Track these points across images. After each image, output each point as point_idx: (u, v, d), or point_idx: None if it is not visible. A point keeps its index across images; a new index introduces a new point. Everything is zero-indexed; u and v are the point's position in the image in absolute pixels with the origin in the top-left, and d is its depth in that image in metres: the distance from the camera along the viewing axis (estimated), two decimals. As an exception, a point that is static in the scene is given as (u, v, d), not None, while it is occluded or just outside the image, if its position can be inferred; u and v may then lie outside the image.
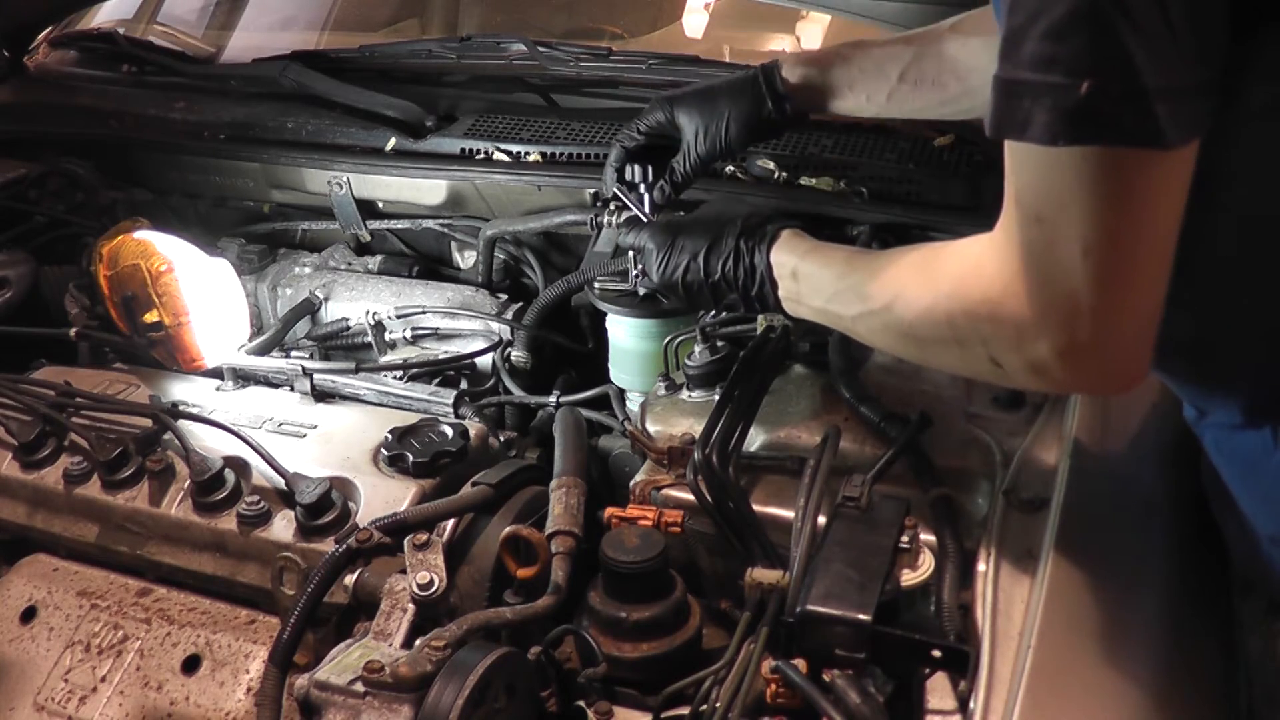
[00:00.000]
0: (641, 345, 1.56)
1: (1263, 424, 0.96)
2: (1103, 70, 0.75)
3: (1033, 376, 0.92)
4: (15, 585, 1.40)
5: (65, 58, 2.34)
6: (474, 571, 1.28)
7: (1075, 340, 0.86)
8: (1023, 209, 0.85)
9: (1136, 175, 0.80)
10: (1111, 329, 0.85)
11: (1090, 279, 0.83)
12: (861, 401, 1.30)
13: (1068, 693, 0.94)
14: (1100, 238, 0.81)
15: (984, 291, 0.91)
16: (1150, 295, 0.86)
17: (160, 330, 1.67)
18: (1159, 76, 0.75)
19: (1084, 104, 0.75)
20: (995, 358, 0.93)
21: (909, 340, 1.04)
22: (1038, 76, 0.77)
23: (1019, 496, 1.14)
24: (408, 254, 1.99)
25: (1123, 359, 0.89)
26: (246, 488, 1.42)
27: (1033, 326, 0.87)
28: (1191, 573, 1.10)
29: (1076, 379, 0.91)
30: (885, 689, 1.00)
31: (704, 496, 1.23)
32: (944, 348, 0.99)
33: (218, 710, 1.25)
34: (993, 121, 0.81)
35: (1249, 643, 1.07)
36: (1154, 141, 0.77)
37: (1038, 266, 0.85)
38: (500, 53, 2.03)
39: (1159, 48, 0.74)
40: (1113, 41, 0.74)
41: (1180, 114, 0.77)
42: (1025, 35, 0.77)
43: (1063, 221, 0.82)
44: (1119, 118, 0.76)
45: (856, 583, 1.04)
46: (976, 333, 0.93)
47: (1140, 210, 0.82)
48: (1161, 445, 1.19)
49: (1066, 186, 0.81)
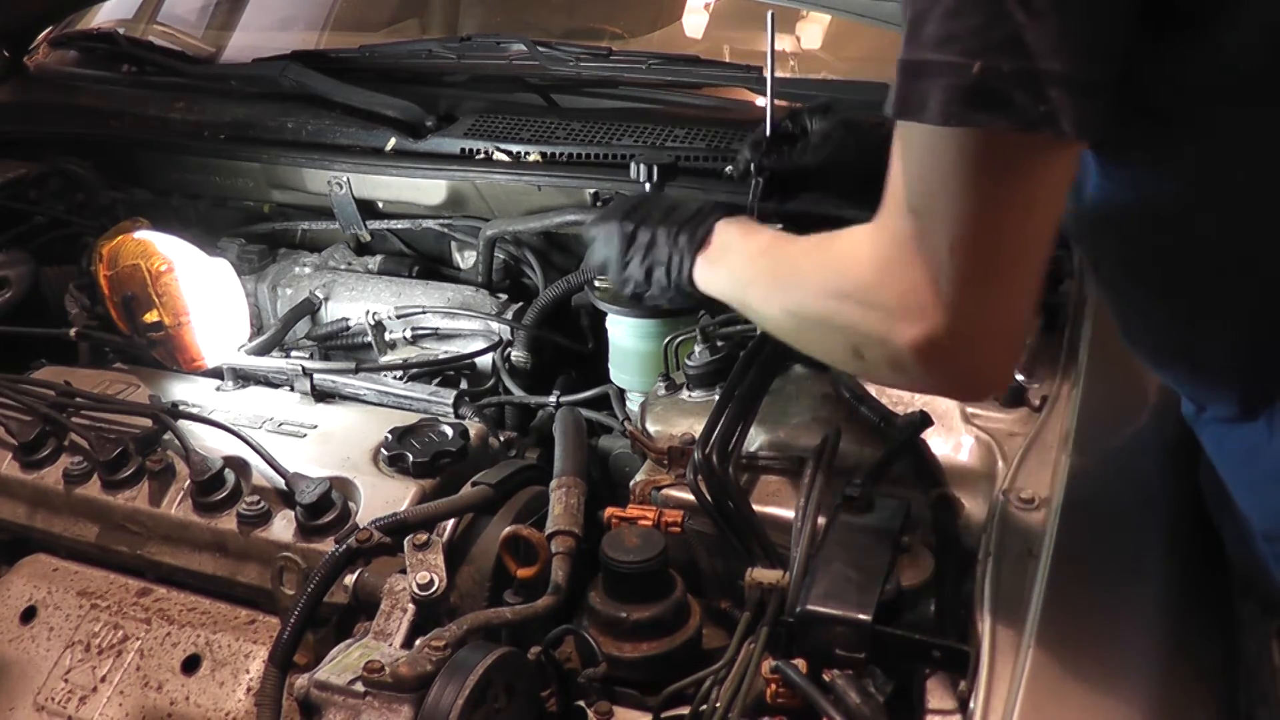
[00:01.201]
0: (641, 345, 1.56)
1: (1259, 415, 0.96)
2: (994, 50, 0.75)
3: (890, 371, 0.90)
4: (15, 585, 1.40)
5: (65, 58, 2.34)
6: (474, 571, 1.28)
7: (934, 338, 0.84)
8: (899, 199, 0.84)
9: (1020, 165, 0.79)
10: (972, 330, 0.84)
11: (954, 276, 0.82)
12: (861, 401, 1.30)
13: (1068, 693, 0.94)
14: (969, 234, 0.80)
15: (856, 279, 0.90)
16: (1017, 299, 0.85)
17: (160, 330, 1.67)
18: (1051, 61, 0.75)
19: (977, 82, 0.75)
20: (858, 348, 0.92)
21: (790, 318, 1.03)
22: (936, 56, 0.77)
23: (1019, 496, 1.14)
24: (408, 254, 1.99)
25: (982, 362, 0.88)
26: (246, 488, 1.42)
27: (894, 320, 0.85)
28: (1192, 573, 1.10)
29: (932, 378, 0.89)
30: (885, 689, 1.00)
31: (704, 496, 1.23)
32: (816, 333, 0.99)
33: (218, 710, 1.25)
34: (895, 102, 0.80)
35: (1246, 643, 1.07)
36: (1045, 124, 0.76)
37: (905, 259, 0.84)
38: (500, 53, 2.04)
39: (1053, 34, 0.75)
40: (1005, 23, 0.74)
41: (1072, 104, 0.76)
42: (928, 17, 0.77)
43: (935, 215, 0.82)
44: (1010, 97, 0.75)
45: (856, 583, 1.04)
46: (844, 318, 0.92)
47: (1015, 208, 0.81)
48: (1162, 444, 1.19)
49: (944, 176, 0.80)
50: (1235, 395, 0.98)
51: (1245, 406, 0.97)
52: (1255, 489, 1.00)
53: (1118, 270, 0.99)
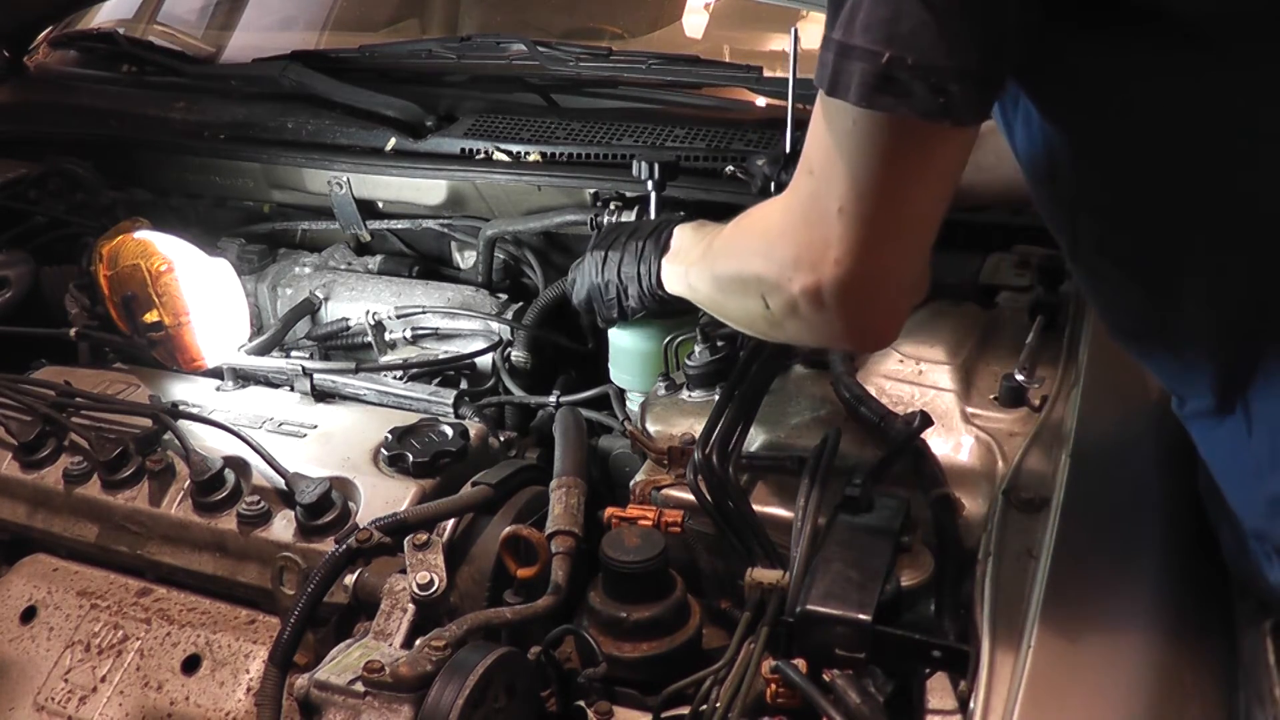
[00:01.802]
0: (641, 345, 1.56)
1: (1234, 407, 0.96)
2: (899, 42, 0.80)
3: (790, 319, 0.99)
4: (15, 585, 1.41)
5: (65, 58, 2.34)
6: (474, 571, 1.28)
7: (821, 286, 0.92)
8: (805, 159, 0.93)
9: (912, 147, 0.86)
10: (856, 285, 0.92)
11: (842, 234, 0.90)
12: (861, 401, 1.30)
13: (1068, 693, 0.94)
14: (856, 199, 0.88)
15: (763, 233, 1.00)
16: (901, 261, 0.93)
17: (160, 330, 1.67)
18: (950, 57, 0.80)
19: (884, 71, 0.81)
20: (765, 296, 1.00)
21: (716, 286, 1.14)
22: (859, 41, 0.83)
23: (1019, 496, 1.14)
24: (408, 254, 1.99)
25: (867, 315, 0.96)
26: (246, 488, 1.42)
27: (792, 269, 0.94)
28: (1191, 572, 1.10)
29: (820, 326, 0.97)
30: (885, 689, 1.01)
31: (704, 496, 1.23)
32: (734, 293, 1.09)
33: (218, 710, 1.25)
34: (828, 79, 0.86)
35: (1243, 643, 1.07)
36: (941, 114, 0.82)
37: (803, 213, 0.94)
38: (500, 53, 2.04)
39: (952, 29, 0.80)
40: (910, 18, 0.80)
41: (967, 96, 0.82)
42: (862, 3, 0.83)
43: (830, 176, 0.89)
44: (910, 88, 0.81)
45: (856, 583, 1.04)
46: (752, 269, 1.02)
47: (905, 181, 0.88)
48: (1162, 444, 1.18)
49: (841, 146, 0.88)
50: (1210, 386, 0.98)
51: (1221, 398, 0.97)
52: (1241, 486, 1.00)
53: (1093, 249, 1.00)
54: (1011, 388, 1.30)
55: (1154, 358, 1.06)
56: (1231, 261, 0.93)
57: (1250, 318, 0.93)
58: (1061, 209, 1.01)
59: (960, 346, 1.38)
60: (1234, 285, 0.93)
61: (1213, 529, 1.09)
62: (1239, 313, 0.94)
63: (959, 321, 1.43)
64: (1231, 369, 0.96)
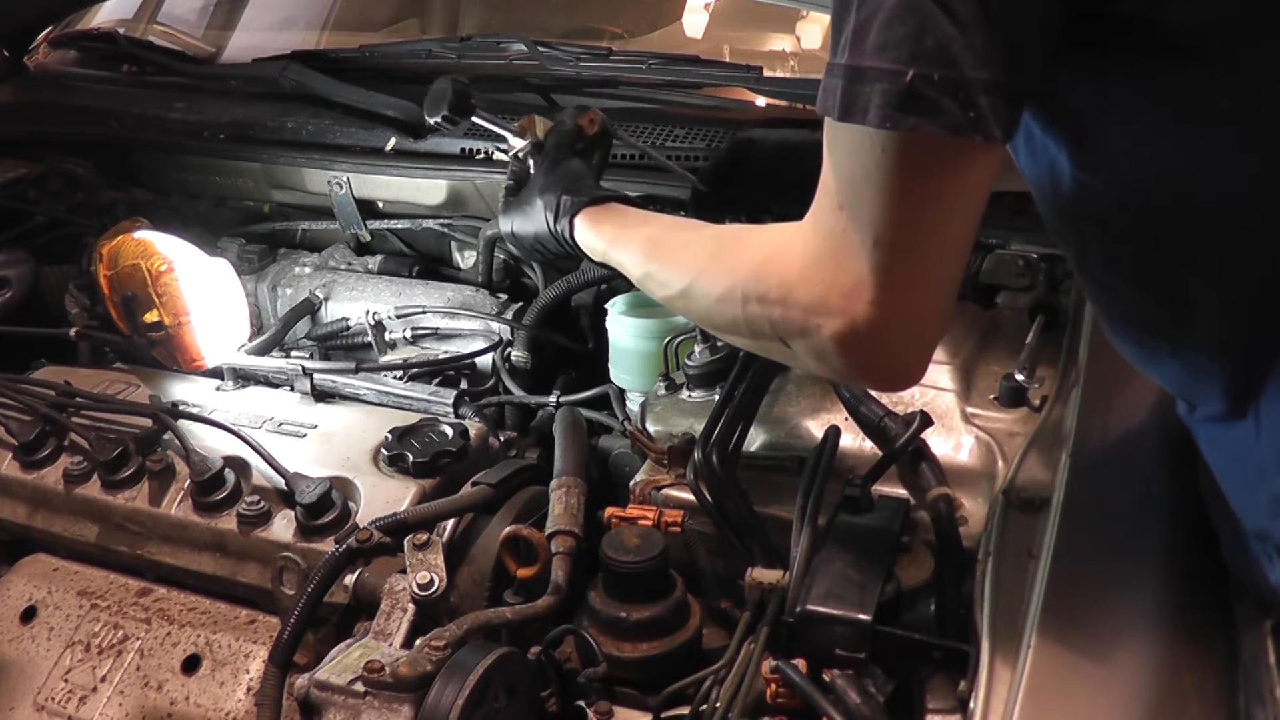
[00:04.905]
0: (641, 345, 1.56)
1: (1247, 411, 0.96)
2: (924, 58, 0.78)
3: (814, 361, 0.95)
4: (15, 585, 1.41)
5: (65, 58, 2.34)
6: (474, 571, 1.28)
7: (855, 329, 0.88)
8: (829, 195, 0.89)
9: (944, 167, 0.83)
10: (893, 322, 0.88)
11: (876, 269, 0.85)
12: (861, 401, 1.30)
13: (1068, 693, 0.94)
14: (892, 229, 0.84)
15: (781, 275, 0.94)
16: (937, 294, 0.89)
17: (160, 330, 1.67)
18: (979, 70, 0.78)
19: (909, 89, 0.79)
20: (786, 339, 0.96)
21: (707, 322, 1.10)
22: (874, 63, 0.80)
23: (1019, 496, 1.14)
24: (408, 254, 1.99)
25: (902, 353, 0.92)
26: (246, 488, 1.42)
27: (817, 311, 0.90)
28: (1191, 573, 1.10)
29: (852, 368, 0.93)
30: (885, 689, 1.00)
31: (704, 496, 1.23)
32: (740, 329, 1.03)
33: (218, 710, 1.25)
34: (839, 106, 0.83)
35: (1243, 643, 1.07)
36: (972, 129, 0.79)
37: (831, 252, 0.88)
38: (500, 53, 2.04)
39: (979, 44, 0.78)
40: (935, 33, 0.78)
41: (997, 111, 0.80)
42: (870, 26, 0.81)
43: (861, 208, 0.85)
44: (939, 104, 0.79)
45: (856, 583, 1.04)
46: (768, 316, 0.96)
47: (937, 206, 0.85)
48: (1162, 444, 1.18)
49: (873, 173, 0.84)
50: (1221, 392, 0.98)
51: (1232, 404, 0.97)
52: (1245, 487, 1.00)
53: (1099, 263, 1.00)
54: (1011, 388, 1.30)
55: (1163, 367, 1.05)
56: (1240, 268, 0.92)
57: (1261, 324, 0.93)
58: (1066, 222, 1.00)
59: (960, 346, 1.38)
60: (1244, 291, 0.93)
61: (1213, 529, 1.09)
62: (1250, 319, 0.94)
63: (959, 321, 1.42)
64: (1244, 375, 0.96)
